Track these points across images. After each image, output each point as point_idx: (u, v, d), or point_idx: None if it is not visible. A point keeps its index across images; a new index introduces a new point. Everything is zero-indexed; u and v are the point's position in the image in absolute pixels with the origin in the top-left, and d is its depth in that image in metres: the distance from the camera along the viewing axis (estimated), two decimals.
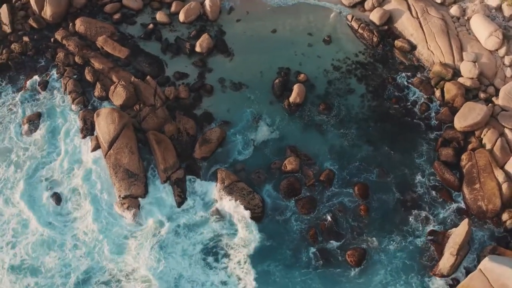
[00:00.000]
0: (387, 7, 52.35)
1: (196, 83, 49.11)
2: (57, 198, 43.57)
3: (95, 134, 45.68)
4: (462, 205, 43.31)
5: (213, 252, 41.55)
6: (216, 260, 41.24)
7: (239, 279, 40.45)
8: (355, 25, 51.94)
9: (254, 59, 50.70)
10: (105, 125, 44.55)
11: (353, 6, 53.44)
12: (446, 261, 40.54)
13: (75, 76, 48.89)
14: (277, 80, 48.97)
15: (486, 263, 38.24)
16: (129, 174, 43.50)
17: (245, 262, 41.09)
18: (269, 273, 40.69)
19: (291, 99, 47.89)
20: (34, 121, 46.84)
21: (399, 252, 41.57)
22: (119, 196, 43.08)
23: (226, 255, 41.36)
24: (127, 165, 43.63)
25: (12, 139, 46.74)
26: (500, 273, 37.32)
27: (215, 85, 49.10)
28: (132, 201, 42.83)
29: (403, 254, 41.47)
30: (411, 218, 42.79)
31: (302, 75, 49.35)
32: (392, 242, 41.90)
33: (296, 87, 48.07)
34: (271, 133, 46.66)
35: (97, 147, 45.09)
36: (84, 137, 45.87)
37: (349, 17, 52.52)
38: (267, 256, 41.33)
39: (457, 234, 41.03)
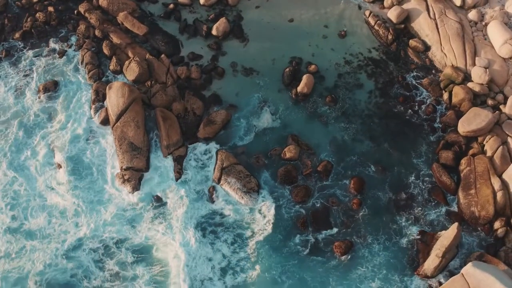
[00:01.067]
0: (406, 6, 51.78)
1: (208, 65, 49.68)
2: (63, 163, 44.68)
3: (105, 106, 46.81)
4: (455, 209, 42.92)
5: (204, 228, 42.19)
6: (204, 236, 41.88)
7: (224, 256, 41.01)
8: (371, 21, 51.57)
9: (268, 46, 50.93)
10: (115, 98, 45.61)
11: (373, 2, 53.05)
12: (431, 262, 40.40)
13: (93, 49, 50.17)
14: (287, 69, 49.16)
15: (469, 269, 37.99)
16: (132, 147, 44.50)
17: (233, 242, 41.72)
18: (254, 253, 41.12)
19: (299, 88, 48.05)
20: (49, 88, 48.26)
21: (385, 248, 41.61)
22: (121, 167, 44.19)
23: (216, 232, 41.99)
24: (132, 139, 44.64)
25: (27, 104, 48.20)
26: (481, 280, 37.04)
27: (226, 69, 49.59)
28: (133, 173, 43.85)
29: (389, 251, 41.53)
30: (402, 217, 42.74)
31: (313, 66, 49.42)
32: (380, 238, 41.99)
33: (305, 77, 48.23)
34: (274, 121, 46.99)
35: (105, 119, 46.22)
36: (94, 108, 47.04)
37: (367, 13, 52.12)
38: (256, 238, 41.74)
39: (446, 237, 40.80)
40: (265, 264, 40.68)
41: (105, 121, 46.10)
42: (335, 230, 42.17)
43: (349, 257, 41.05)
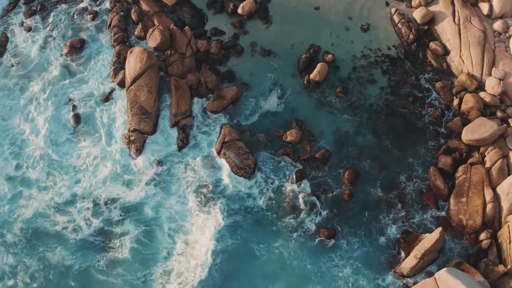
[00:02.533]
0: (433, 8, 50.58)
1: (229, 42, 50.20)
2: (76, 119, 46.81)
3: (124, 68, 48.03)
4: (444, 214, 42.43)
5: (199, 195, 43.38)
6: (199, 202, 43.05)
7: (215, 227, 42.17)
8: (396, 18, 50.58)
9: (289, 31, 50.91)
10: (133, 62, 46.82)
11: (401, 0, 52.23)
12: (408, 262, 40.26)
13: (122, 13, 51.52)
14: (304, 55, 49.10)
15: (442, 274, 37.69)
16: (142, 110, 45.76)
17: (223, 212, 42.63)
18: (240, 225, 42.20)
19: (312, 76, 47.96)
20: (75, 45, 50.06)
21: (367, 242, 41.77)
22: (129, 129, 45.63)
23: (209, 200, 43.07)
24: (143, 103, 45.89)
25: (51, 58, 50.23)
26: (451, 286, 36.68)
27: (245, 48, 50.01)
28: (139, 135, 45.26)
29: (370, 245, 41.69)
30: (390, 214, 42.61)
31: (329, 56, 49.12)
32: (364, 231, 42.18)
33: (319, 66, 48.06)
34: (279, 105, 47.24)
35: (122, 81, 47.67)
36: (114, 69, 48.58)
37: (393, 10, 51.13)
38: (244, 212, 42.70)
39: (428, 240, 40.48)
40: (248, 237, 41.67)
41: (121, 83, 47.61)
42: (323, 216, 42.49)
43: (331, 243, 41.40)
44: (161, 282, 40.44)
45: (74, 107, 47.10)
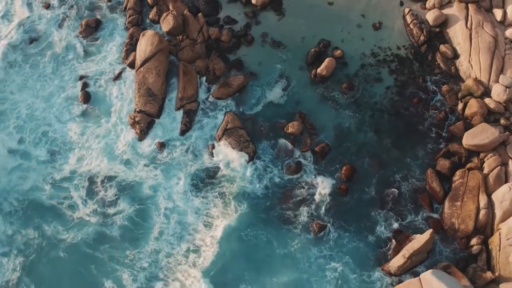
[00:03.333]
0: (446, 11, 49.81)
1: (240, 31, 50.25)
2: (85, 97, 47.43)
3: (135, 50, 48.58)
4: (437, 216, 42.16)
5: (196, 179, 43.93)
6: (195, 187, 43.59)
7: (207, 208, 42.75)
8: (408, 19, 49.88)
9: (301, 24, 50.63)
10: (144, 45, 47.32)
11: (416, 0, 51.16)
12: (396, 261, 40.20)
13: None
14: (313, 49, 48.89)
15: (427, 275, 37.55)
16: (149, 93, 46.26)
17: (219, 198, 43.18)
18: (234, 212, 42.55)
19: (319, 70, 47.76)
20: (90, 25, 50.62)
21: (359, 238, 41.76)
22: (135, 109, 46.19)
23: (206, 185, 43.60)
24: (150, 85, 46.37)
25: (65, 36, 50.81)
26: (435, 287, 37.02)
27: (256, 38, 49.98)
28: (144, 117, 45.78)
29: (361, 241, 41.65)
30: (383, 212, 42.50)
31: (338, 51, 48.83)
32: (356, 227, 42.10)
33: (327, 60, 47.85)
34: (282, 97, 47.20)
35: (133, 62, 48.10)
36: (126, 51, 49.01)
37: (406, 10, 50.43)
38: (240, 199, 43.01)
39: (417, 240, 40.35)
40: (240, 223, 41.99)
41: (132, 65, 48.04)
42: (316, 208, 42.43)
43: (321, 236, 41.57)
44: (149, 261, 40.93)
45: (84, 85, 47.65)
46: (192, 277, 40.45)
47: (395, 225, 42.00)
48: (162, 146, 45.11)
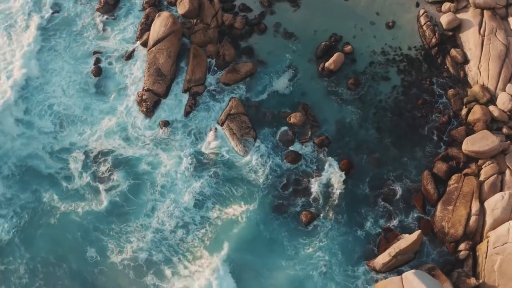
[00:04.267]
0: (461, 15, 48.99)
1: (254, 19, 50.19)
2: (97, 72, 48.09)
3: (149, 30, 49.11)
4: (429, 218, 41.78)
5: (195, 161, 44.26)
6: (194, 168, 43.95)
7: (202, 189, 43.11)
8: (422, 20, 49.11)
9: (314, 17, 50.33)
10: (158, 26, 47.68)
11: (432, 3, 50.42)
12: (381, 258, 40.11)
13: None
14: (324, 43, 48.57)
15: (409, 275, 37.41)
16: (159, 72, 46.70)
17: (215, 181, 43.46)
18: (228, 195, 43.00)
19: (327, 64, 47.48)
20: (109, 2, 51.16)
21: (348, 232, 41.64)
22: (143, 88, 46.75)
23: (204, 168, 43.96)
24: (160, 65, 46.78)
25: (83, 11, 51.54)
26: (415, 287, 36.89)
27: (269, 27, 49.85)
28: (151, 96, 46.27)
29: (350, 236, 41.53)
30: (375, 209, 42.26)
31: (349, 47, 48.43)
32: (347, 221, 41.93)
33: (336, 55, 47.53)
34: (287, 87, 47.11)
35: (146, 42, 48.56)
36: (140, 30, 49.57)
37: (421, 12, 49.66)
38: (236, 183, 43.46)
39: (405, 240, 40.16)
40: (231, 206, 42.48)
41: (145, 44, 48.49)
42: (309, 199, 42.65)
43: (312, 226, 41.72)
44: (137, 236, 41.57)
45: (97, 60, 48.32)
46: (179, 253, 41.10)
47: (386, 223, 41.79)
48: (165, 125, 45.52)
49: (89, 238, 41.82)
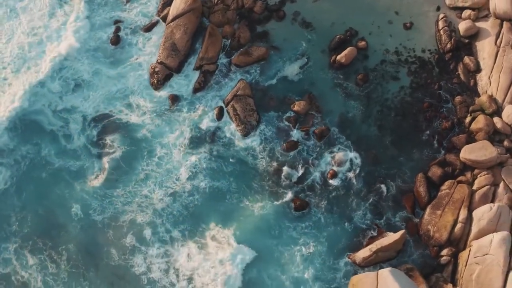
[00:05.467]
0: (480, 24, 47.63)
1: (274, 5, 50.02)
2: (114, 40, 48.98)
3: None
4: (416, 220, 41.44)
5: (196, 137, 45.01)
6: (193, 142, 44.73)
7: (198, 165, 43.97)
8: (440, 24, 47.95)
9: (334, 9, 49.78)
10: (179, 2, 48.21)
11: (453, 8, 49.02)
12: (362, 252, 40.24)
13: None
14: (339, 36, 48.15)
15: (385, 272, 37.42)
16: (173, 47, 47.30)
17: (213, 158, 44.18)
18: (219, 172, 43.67)
19: (339, 57, 47.09)
20: None
21: (335, 224, 41.78)
22: (157, 60, 47.42)
23: (204, 144, 44.64)
24: (176, 40, 47.35)
25: None
26: (388, 285, 36.41)
27: (288, 15, 49.60)
28: (163, 69, 47.01)
29: (337, 227, 41.73)
30: (365, 204, 42.19)
31: (363, 43, 47.87)
32: (336, 212, 42.05)
33: (349, 49, 47.13)
34: (297, 74, 47.01)
35: (165, 16, 49.08)
36: (162, 4, 50.10)
37: (441, 16, 48.49)
38: (229, 163, 43.96)
39: (388, 238, 40.12)
40: (223, 182, 43.13)
41: (164, 18, 49.09)
42: (301, 187, 42.83)
43: (301, 212, 41.98)
44: (122, 200, 42.82)
45: (117, 29, 49.19)
46: (163, 217, 42.33)
47: (374, 219, 41.69)
48: (173, 99, 46.18)
49: (76, 197, 43.22)
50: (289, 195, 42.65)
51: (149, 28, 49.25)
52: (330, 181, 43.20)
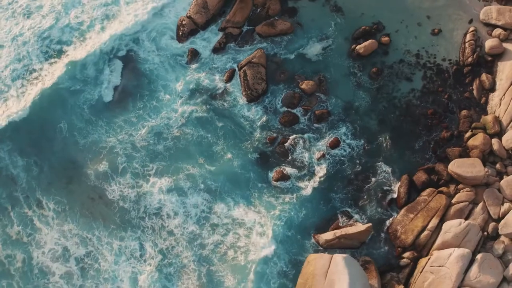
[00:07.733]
0: (507, 45, 45.14)
1: None
2: None
3: None
4: (389, 219, 40.81)
5: (202, 92, 45.64)
6: (196, 100, 45.43)
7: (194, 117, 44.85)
8: (468, 37, 45.95)
9: (368, 1, 48.57)
10: None
11: (485, 24, 46.75)
12: (327, 235, 40.11)
13: None
14: (364, 27, 47.12)
15: (338, 257, 37.25)
16: (204, 5, 47.76)
17: (211, 112, 44.88)
18: (211, 126, 44.33)
19: (358, 47, 46.21)
20: None
21: (311, 201, 41.68)
22: (187, 15, 48.00)
23: (206, 101, 45.19)
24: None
25: None
26: (338, 270, 36.35)
27: None
28: (190, 23, 47.66)
29: (313, 205, 41.56)
30: (345, 192, 41.75)
31: (386, 38, 46.60)
32: (316, 192, 41.70)
33: (369, 42, 46.13)
34: (318, 56, 46.48)
35: None
36: None
37: (471, 29, 46.47)
38: (228, 123, 44.34)
39: (354, 228, 39.97)
40: (212, 137, 43.91)
41: None
42: (287, 160, 42.87)
43: (281, 183, 42.03)
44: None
45: None
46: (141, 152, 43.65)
47: (348, 208, 41.28)
48: (192, 53, 46.67)
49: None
50: (274, 165, 42.54)
51: None
52: (320, 163, 43.08)
